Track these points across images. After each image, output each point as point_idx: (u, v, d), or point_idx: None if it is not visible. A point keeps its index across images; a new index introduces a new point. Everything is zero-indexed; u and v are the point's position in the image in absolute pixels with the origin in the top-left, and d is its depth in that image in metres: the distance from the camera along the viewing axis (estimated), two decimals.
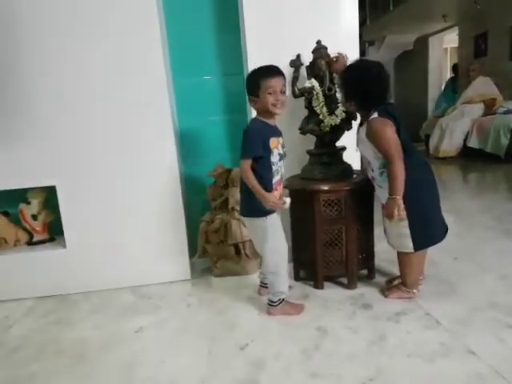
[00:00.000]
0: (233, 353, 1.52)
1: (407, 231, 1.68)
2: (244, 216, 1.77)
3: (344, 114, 1.87)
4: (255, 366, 1.43)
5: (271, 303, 1.75)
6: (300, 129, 1.99)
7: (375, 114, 1.65)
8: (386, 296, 1.82)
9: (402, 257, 1.77)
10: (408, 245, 1.70)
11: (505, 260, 2.11)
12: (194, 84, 2.35)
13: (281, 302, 1.74)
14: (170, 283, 2.16)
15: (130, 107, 2.02)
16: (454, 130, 5.29)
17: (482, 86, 5.37)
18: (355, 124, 1.97)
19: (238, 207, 2.15)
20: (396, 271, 1.94)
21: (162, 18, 2.13)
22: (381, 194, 1.75)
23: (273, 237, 1.70)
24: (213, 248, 2.22)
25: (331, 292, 1.92)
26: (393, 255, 1.84)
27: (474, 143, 5.10)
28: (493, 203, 3.19)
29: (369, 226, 1.98)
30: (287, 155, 1.78)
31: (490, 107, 5.23)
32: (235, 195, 2.15)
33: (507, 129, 4.62)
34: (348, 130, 1.96)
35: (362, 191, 1.87)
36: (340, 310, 1.75)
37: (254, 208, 1.66)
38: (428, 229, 1.71)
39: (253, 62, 2.10)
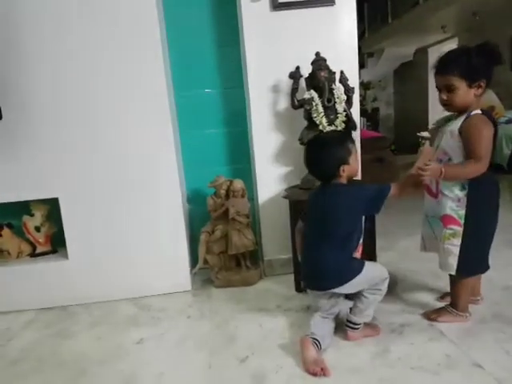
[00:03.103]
0: (233, 365, 1.50)
1: (456, 250, 1.54)
2: (346, 283, 1.50)
3: (343, 124, 1.88)
4: (256, 378, 1.41)
5: (355, 326, 1.57)
6: (299, 139, 2.00)
7: (478, 111, 1.50)
8: (433, 320, 1.66)
9: (458, 278, 1.61)
10: (452, 266, 1.55)
11: (509, 271, 2.09)
12: (194, 97, 2.37)
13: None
14: (170, 294, 2.15)
15: (132, 120, 2.04)
16: None
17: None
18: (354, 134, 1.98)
19: (238, 218, 2.15)
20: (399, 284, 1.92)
21: (164, 32, 2.16)
22: (444, 202, 1.55)
23: (375, 268, 1.59)
24: (213, 259, 2.21)
25: None
26: (393, 268, 1.81)
27: None
28: None
29: (370, 236, 1.97)
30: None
31: None
32: (235, 205, 2.15)
33: (509, 139, 4.59)
34: None
35: None
36: (342, 322, 1.72)
37: (355, 266, 1.52)
38: (479, 254, 1.58)
39: (253, 75, 2.13)
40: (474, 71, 1.49)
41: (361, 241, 1.59)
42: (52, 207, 2.19)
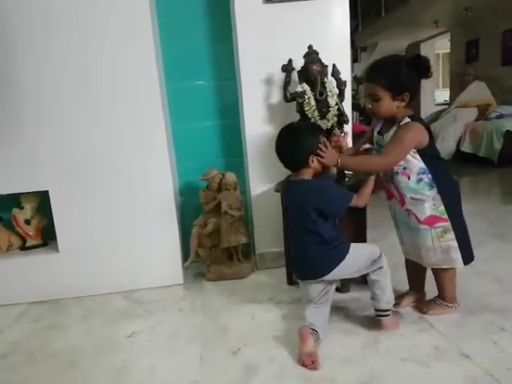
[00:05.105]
0: (225, 357, 1.51)
1: (455, 244, 1.55)
2: (335, 268, 1.52)
3: (335, 118, 1.88)
4: (248, 370, 1.42)
5: (385, 313, 1.56)
6: None
7: (407, 119, 1.51)
8: (425, 313, 1.68)
9: (442, 271, 1.63)
10: (457, 258, 1.56)
11: (498, 263, 2.11)
12: (187, 89, 2.35)
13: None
14: (162, 288, 2.15)
15: (123, 112, 2.02)
16: (446, 135, 5.30)
17: (478, 91, 5.40)
18: (346, 127, 1.99)
19: (230, 211, 2.15)
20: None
21: (156, 24, 2.14)
22: (421, 206, 1.55)
23: (363, 248, 1.60)
24: (205, 252, 2.21)
25: None
26: None
27: (466, 148, 5.12)
28: (486, 207, 3.20)
29: (361, 228, 1.98)
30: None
31: (483, 112, 5.26)
32: (228, 199, 2.15)
33: (500, 133, 4.65)
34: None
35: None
36: (333, 313, 1.74)
37: (340, 251, 1.53)
38: (468, 240, 1.60)
39: (245, 68, 2.12)
40: (400, 84, 1.50)
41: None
42: (42, 200, 2.17)
